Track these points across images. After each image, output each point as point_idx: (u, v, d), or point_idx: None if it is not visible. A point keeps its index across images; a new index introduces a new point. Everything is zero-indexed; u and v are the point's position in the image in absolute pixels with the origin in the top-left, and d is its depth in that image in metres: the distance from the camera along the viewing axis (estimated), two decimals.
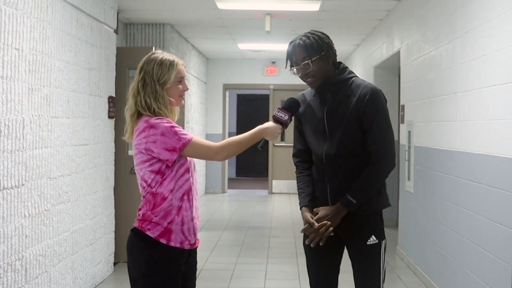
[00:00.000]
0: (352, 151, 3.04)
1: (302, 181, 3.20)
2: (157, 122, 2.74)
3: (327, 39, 3.11)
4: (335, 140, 3.03)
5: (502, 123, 3.93)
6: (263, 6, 7.52)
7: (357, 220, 3.04)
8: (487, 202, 4.16)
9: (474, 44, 4.50)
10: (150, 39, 8.46)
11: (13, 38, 3.83)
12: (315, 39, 3.05)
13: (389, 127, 3.06)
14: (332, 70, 3.10)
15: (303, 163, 3.23)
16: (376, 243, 3.04)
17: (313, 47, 3.02)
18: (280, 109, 2.97)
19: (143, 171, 2.82)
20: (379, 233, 3.06)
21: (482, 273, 4.23)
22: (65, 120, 4.74)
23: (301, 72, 3.07)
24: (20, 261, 3.94)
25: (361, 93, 3.02)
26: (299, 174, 3.23)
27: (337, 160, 3.04)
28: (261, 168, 15.55)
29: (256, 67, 13.32)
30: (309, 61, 3.02)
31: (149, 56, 2.87)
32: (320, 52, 3.03)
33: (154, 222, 2.77)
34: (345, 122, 3.02)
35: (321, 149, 3.08)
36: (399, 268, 6.46)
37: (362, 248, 3.04)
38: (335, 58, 3.12)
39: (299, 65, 3.06)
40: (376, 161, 3.01)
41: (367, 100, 3.00)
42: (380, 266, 3.06)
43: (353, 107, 3.01)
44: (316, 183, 3.15)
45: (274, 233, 8.49)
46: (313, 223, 3.02)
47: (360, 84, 3.07)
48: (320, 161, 3.09)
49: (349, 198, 2.99)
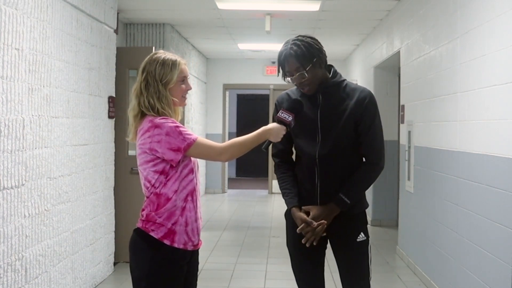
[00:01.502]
0: (344, 152, 3.08)
1: (287, 181, 3.19)
2: (162, 121, 2.73)
3: (317, 44, 3.09)
4: (329, 140, 3.06)
5: (502, 123, 3.93)
6: (263, 6, 7.52)
7: (343, 219, 3.07)
8: (487, 202, 4.16)
9: (474, 44, 4.50)
10: (150, 39, 8.46)
11: (13, 38, 3.83)
12: (306, 46, 3.03)
13: (382, 131, 3.17)
14: (325, 74, 3.12)
15: (285, 163, 3.25)
16: (365, 240, 3.12)
17: (305, 56, 3.01)
18: (284, 110, 2.98)
19: (146, 171, 2.79)
20: (365, 230, 3.15)
21: (482, 273, 4.23)
22: (65, 120, 4.74)
23: (296, 82, 3.08)
24: (20, 261, 3.94)
25: (360, 96, 3.07)
26: (282, 174, 3.23)
27: (330, 161, 3.07)
28: (261, 168, 15.54)
29: (256, 67, 13.31)
30: (303, 72, 3.02)
31: (151, 56, 2.86)
32: (312, 59, 3.02)
33: (158, 223, 2.75)
34: (341, 123, 3.04)
35: (313, 149, 3.08)
36: (399, 268, 6.46)
37: (351, 245, 3.10)
38: (326, 61, 3.12)
39: (293, 75, 3.06)
40: (372, 163, 3.10)
41: (366, 104, 3.06)
42: (368, 262, 3.14)
43: (351, 110, 3.05)
44: (302, 183, 3.16)
45: (274, 233, 8.49)
46: (311, 222, 3.03)
47: (357, 88, 3.12)
48: (312, 161, 3.09)
49: (342, 197, 3.03)
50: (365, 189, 3.13)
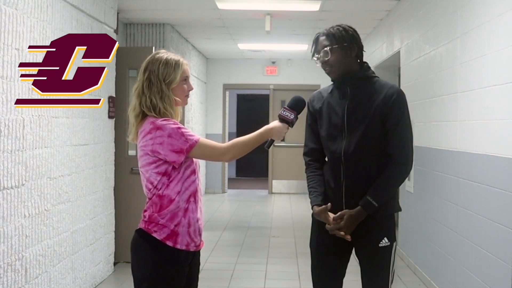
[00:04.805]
0: (370, 150, 2.99)
1: (315, 180, 3.13)
2: (163, 123, 2.72)
3: (354, 33, 3.08)
4: (355, 138, 2.99)
5: (502, 123, 3.93)
6: (263, 6, 7.52)
7: (369, 222, 2.98)
8: (487, 202, 4.16)
9: (474, 44, 4.50)
10: (150, 39, 8.46)
11: (13, 38, 3.83)
12: (340, 30, 3.05)
13: (411, 130, 3.05)
14: (355, 65, 3.07)
15: (315, 162, 3.18)
16: (388, 245, 3.01)
17: (335, 37, 3.03)
18: (286, 108, 2.94)
19: (149, 173, 2.77)
20: (391, 235, 3.04)
21: (482, 273, 4.23)
22: (65, 120, 4.74)
23: (320, 59, 3.06)
24: (20, 261, 3.94)
25: (388, 93, 2.99)
26: (311, 173, 3.16)
27: (355, 159, 2.99)
28: (261, 168, 15.54)
29: (256, 67, 13.31)
30: (327, 49, 3.01)
31: (153, 56, 2.85)
32: (342, 42, 3.02)
33: (160, 224, 2.74)
34: (367, 120, 2.97)
35: (338, 146, 3.02)
36: (399, 268, 6.46)
37: (373, 250, 3.00)
38: (360, 54, 3.09)
39: (319, 53, 3.06)
40: (399, 163, 2.98)
41: (393, 100, 2.98)
42: (390, 268, 3.03)
43: (378, 106, 2.97)
44: (328, 184, 3.09)
45: (274, 233, 8.49)
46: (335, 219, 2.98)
47: (385, 84, 3.06)
48: (337, 159, 3.03)
49: (370, 200, 2.93)
50: (393, 190, 3.02)
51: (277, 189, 13.47)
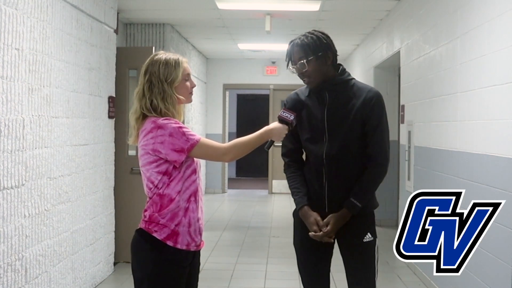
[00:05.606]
0: (351, 152, 3.07)
1: (297, 180, 3.19)
2: (165, 122, 2.73)
3: (327, 40, 3.10)
4: (336, 140, 3.05)
5: (502, 123, 3.93)
6: (263, 6, 7.52)
7: (351, 220, 3.06)
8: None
9: (474, 44, 4.50)
10: (150, 39, 8.46)
11: (13, 38, 3.83)
12: (314, 39, 3.05)
13: (388, 131, 3.14)
14: (331, 71, 3.10)
15: (295, 163, 3.24)
16: (372, 240, 3.12)
17: (310, 48, 3.03)
18: (286, 109, 2.99)
19: (149, 172, 2.78)
20: (373, 231, 3.15)
21: (482, 273, 4.23)
22: (65, 120, 4.74)
23: (297, 71, 3.09)
24: (20, 261, 3.94)
25: (367, 96, 3.06)
26: (292, 173, 3.23)
27: (337, 161, 3.06)
28: (261, 168, 15.54)
29: (256, 67, 13.32)
30: (304, 61, 3.03)
31: (153, 57, 2.86)
32: (317, 52, 3.03)
33: (161, 224, 2.74)
34: (348, 123, 3.04)
35: (321, 149, 3.08)
36: (399, 268, 6.46)
37: (358, 245, 3.09)
38: (334, 59, 3.12)
39: (296, 64, 3.08)
40: (378, 164, 3.08)
41: (373, 104, 3.05)
42: (375, 262, 3.13)
43: (358, 110, 3.03)
44: (310, 184, 3.15)
45: (274, 233, 8.49)
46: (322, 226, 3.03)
47: (364, 88, 3.11)
48: (320, 161, 3.09)
49: (354, 201, 3.02)
50: (374, 190, 3.12)
51: (277, 189, 13.47)
